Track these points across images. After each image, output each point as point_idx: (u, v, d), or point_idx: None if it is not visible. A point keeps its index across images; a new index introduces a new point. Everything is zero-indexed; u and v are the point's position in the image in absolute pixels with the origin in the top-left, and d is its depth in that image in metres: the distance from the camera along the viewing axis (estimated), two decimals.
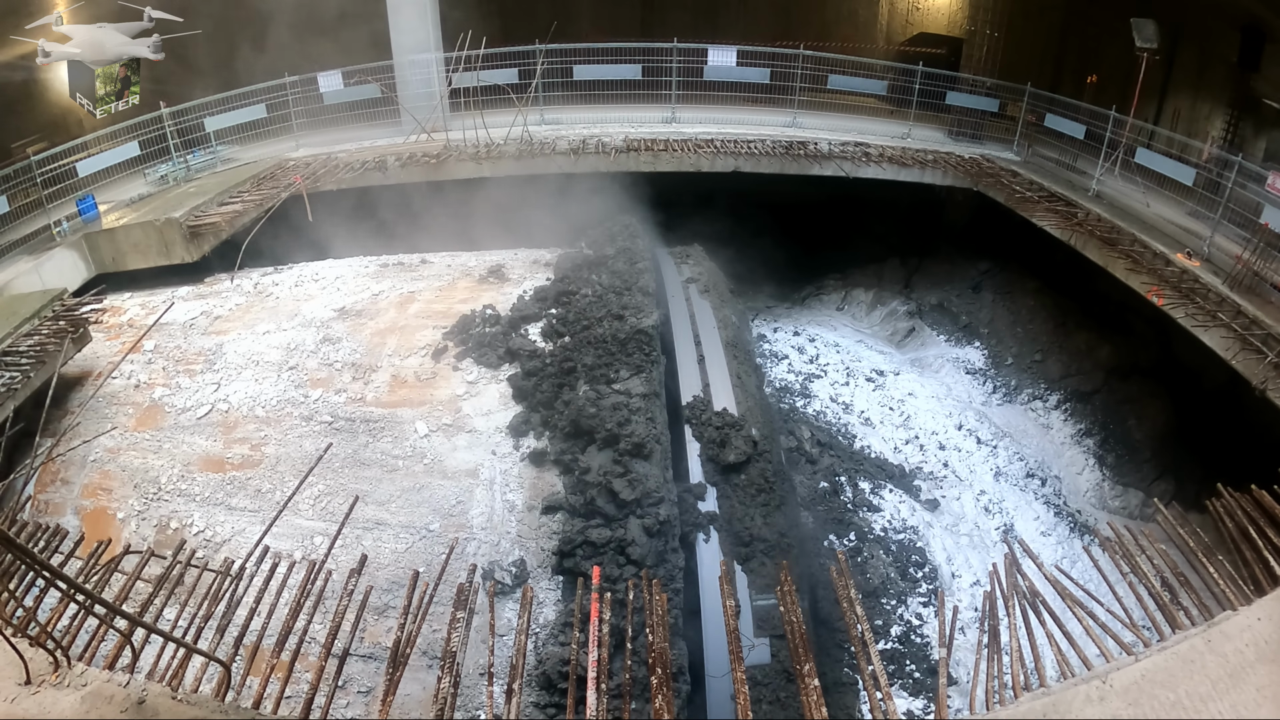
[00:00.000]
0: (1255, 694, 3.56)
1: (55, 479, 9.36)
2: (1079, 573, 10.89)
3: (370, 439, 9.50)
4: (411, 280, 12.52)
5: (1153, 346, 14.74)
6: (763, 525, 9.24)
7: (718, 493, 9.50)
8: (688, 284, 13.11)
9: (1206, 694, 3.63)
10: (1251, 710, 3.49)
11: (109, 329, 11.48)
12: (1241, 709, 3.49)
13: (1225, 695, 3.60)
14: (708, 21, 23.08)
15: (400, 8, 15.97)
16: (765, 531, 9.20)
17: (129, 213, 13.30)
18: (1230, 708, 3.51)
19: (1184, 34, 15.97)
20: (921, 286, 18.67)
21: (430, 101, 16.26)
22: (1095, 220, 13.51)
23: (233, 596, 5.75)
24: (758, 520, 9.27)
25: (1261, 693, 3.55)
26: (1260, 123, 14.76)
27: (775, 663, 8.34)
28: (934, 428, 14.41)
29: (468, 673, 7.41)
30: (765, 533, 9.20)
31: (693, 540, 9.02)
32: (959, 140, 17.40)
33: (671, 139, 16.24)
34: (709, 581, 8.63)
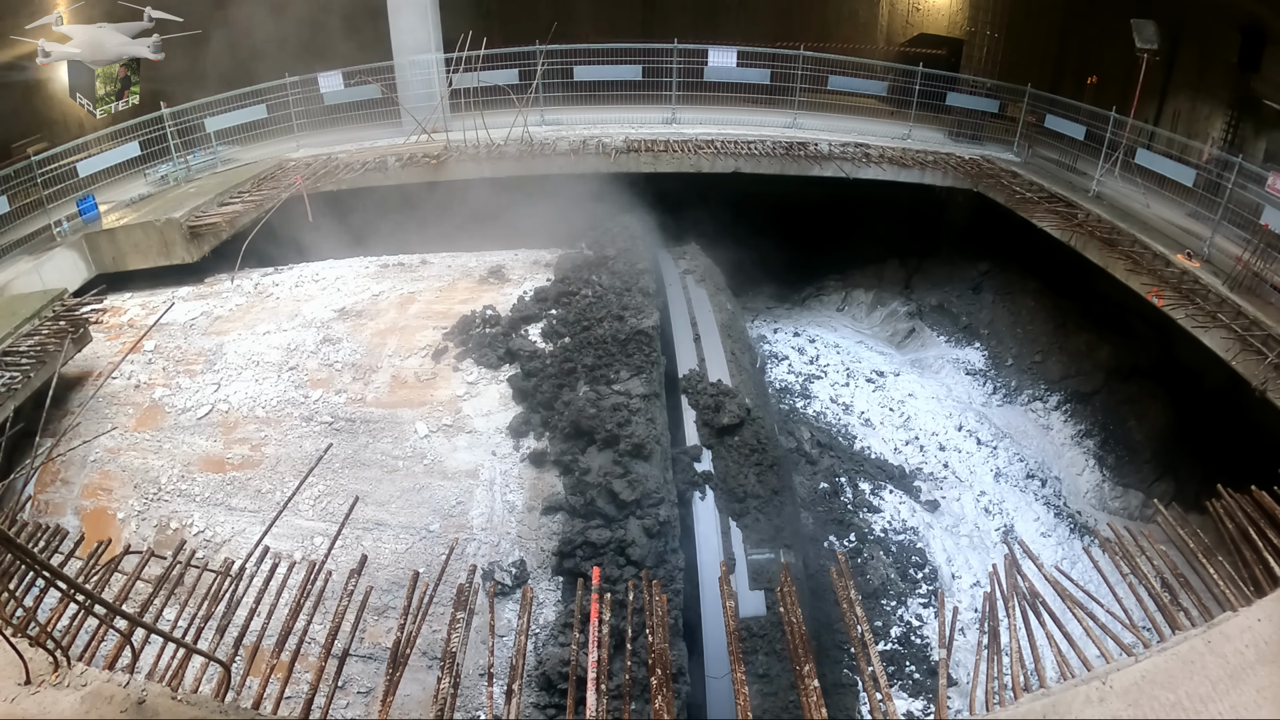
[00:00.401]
0: (1255, 695, 3.55)
1: (55, 479, 9.37)
2: (1079, 574, 10.89)
3: (370, 439, 9.50)
4: (412, 281, 12.52)
5: (1153, 347, 14.74)
6: (756, 483, 9.53)
7: (713, 454, 9.80)
8: (685, 275, 13.29)
9: (1206, 695, 3.63)
10: (1252, 711, 3.48)
11: (109, 329, 11.48)
12: (1242, 710, 3.49)
13: (1225, 696, 3.60)
14: (708, 22, 23.09)
15: (401, 9, 15.99)
16: (758, 489, 9.50)
17: (129, 213, 13.30)
18: (1230, 709, 3.51)
19: (1184, 35, 15.97)
20: (921, 287, 18.67)
21: (431, 102, 16.27)
22: (1095, 221, 13.51)
23: (233, 597, 5.75)
24: (751, 479, 9.55)
25: (1262, 694, 3.55)
26: (1260, 123, 14.77)
27: (770, 614, 8.57)
28: (934, 429, 14.41)
29: (467, 673, 7.41)
30: (758, 489, 9.49)
31: (689, 497, 9.30)
32: (959, 141, 17.41)
33: (672, 140, 16.24)
34: (705, 535, 9.04)
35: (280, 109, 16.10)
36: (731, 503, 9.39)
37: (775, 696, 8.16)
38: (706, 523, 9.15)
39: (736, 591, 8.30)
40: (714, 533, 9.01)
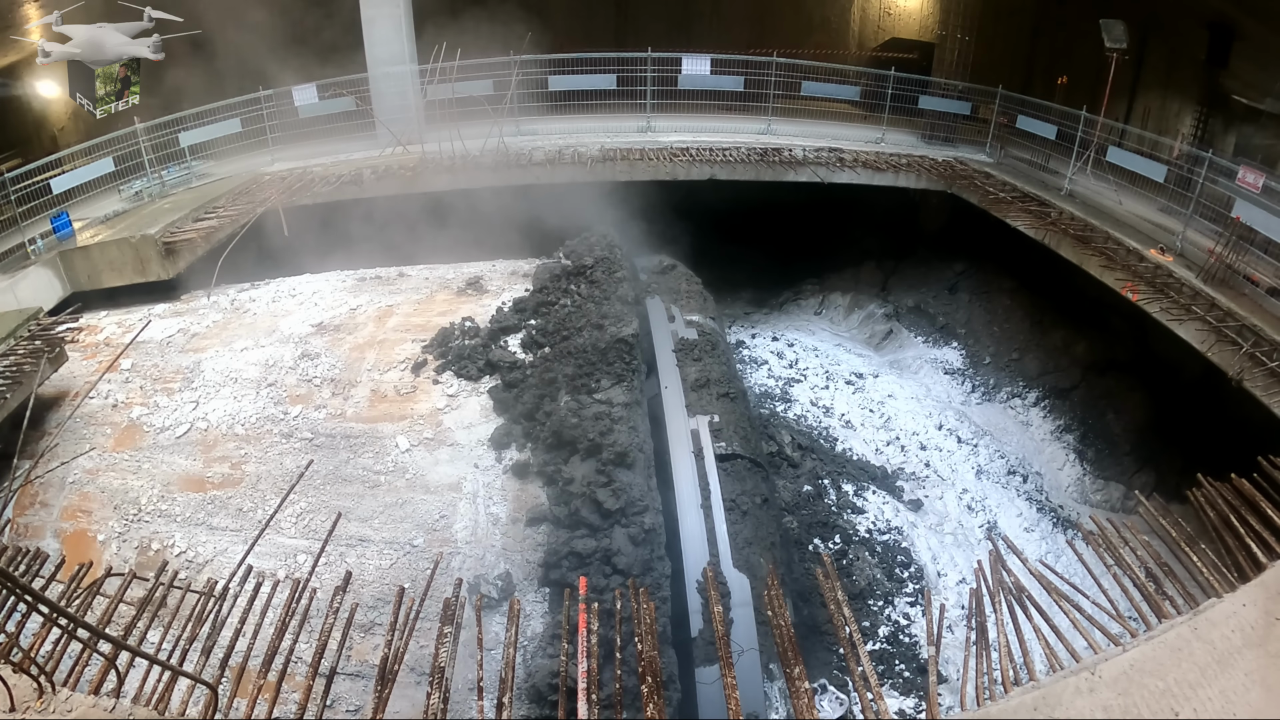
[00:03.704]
0: (1244, 678, 3.59)
1: (34, 501, 9.23)
2: (1063, 567, 10.98)
3: (351, 455, 9.43)
4: (389, 294, 12.47)
5: (1129, 341, 14.88)
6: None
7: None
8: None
9: (1195, 680, 3.66)
10: (1241, 694, 3.52)
11: (85, 348, 11.35)
12: (1231, 694, 3.52)
13: (1214, 681, 3.63)
14: (681, 31, 23.15)
15: (375, 20, 15.93)
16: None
17: (104, 230, 13.16)
18: (1220, 693, 3.54)
19: (1153, 33, 16.18)
20: (898, 289, 18.79)
21: (406, 114, 16.22)
22: (1068, 219, 13.65)
23: (217, 617, 5.69)
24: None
25: (1250, 677, 3.59)
26: (1229, 118, 14.98)
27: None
28: (914, 428, 14.49)
29: (457, 688, 7.35)
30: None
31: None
32: (932, 144, 17.56)
33: (647, 148, 16.27)
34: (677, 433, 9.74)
35: (254, 123, 15.98)
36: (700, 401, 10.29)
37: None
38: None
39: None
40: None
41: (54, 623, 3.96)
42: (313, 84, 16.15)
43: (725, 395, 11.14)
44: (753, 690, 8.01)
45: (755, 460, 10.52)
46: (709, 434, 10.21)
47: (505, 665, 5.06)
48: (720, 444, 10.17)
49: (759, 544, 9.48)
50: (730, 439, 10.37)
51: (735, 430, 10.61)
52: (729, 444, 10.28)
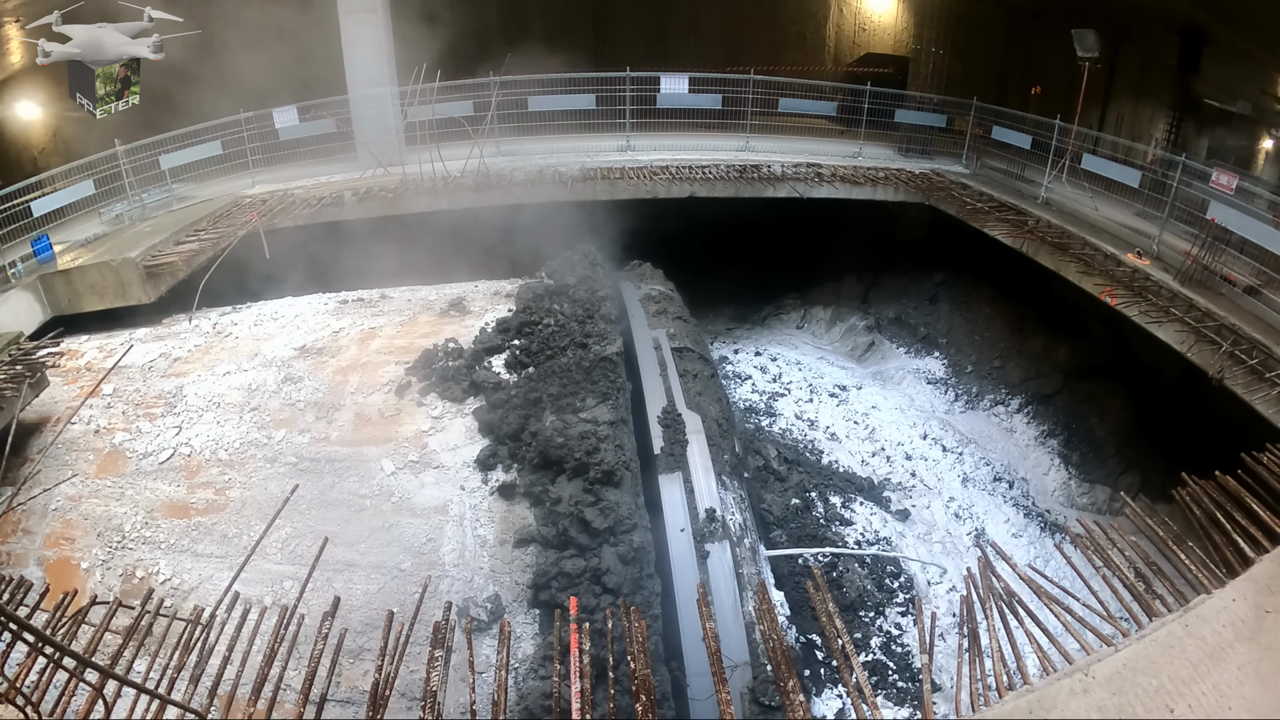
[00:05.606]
0: (1237, 672, 3.61)
1: (16, 529, 9.09)
2: (1053, 571, 11.03)
3: (336, 479, 9.34)
4: (372, 316, 12.41)
5: (1109, 345, 15.03)
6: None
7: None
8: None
9: (1188, 676, 3.67)
10: (1235, 688, 3.53)
11: (67, 373, 11.22)
12: (1224, 688, 3.54)
13: (1207, 676, 3.65)
14: (659, 50, 23.32)
15: (355, 42, 15.94)
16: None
17: (84, 253, 13.06)
18: (1213, 688, 3.55)
19: (1125, 41, 16.43)
20: (879, 301, 18.91)
21: (386, 136, 16.22)
22: (1045, 227, 13.79)
23: (204, 645, 5.62)
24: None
25: (1243, 670, 3.60)
26: (1202, 122, 15.23)
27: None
28: (899, 439, 14.54)
29: (449, 712, 7.27)
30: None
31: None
32: (909, 156, 17.72)
33: (627, 167, 16.34)
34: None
35: (235, 145, 15.94)
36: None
37: None
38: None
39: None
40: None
41: (40, 652, 3.90)
42: (293, 106, 16.14)
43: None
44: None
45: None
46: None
47: (497, 688, 5.02)
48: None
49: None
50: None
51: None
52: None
